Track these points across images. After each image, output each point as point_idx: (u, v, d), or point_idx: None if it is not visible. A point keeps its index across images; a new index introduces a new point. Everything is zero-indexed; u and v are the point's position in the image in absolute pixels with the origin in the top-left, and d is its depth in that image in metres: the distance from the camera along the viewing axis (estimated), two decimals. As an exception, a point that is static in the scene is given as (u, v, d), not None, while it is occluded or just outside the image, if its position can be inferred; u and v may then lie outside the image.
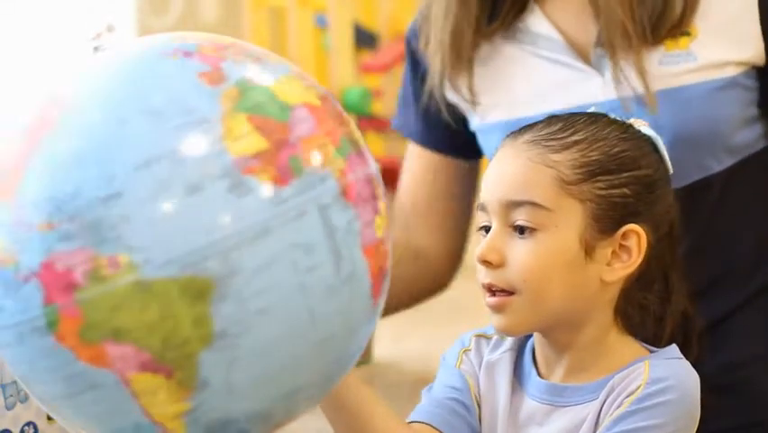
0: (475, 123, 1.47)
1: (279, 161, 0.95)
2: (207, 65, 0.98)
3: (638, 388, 1.07)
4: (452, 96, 1.47)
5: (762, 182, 1.41)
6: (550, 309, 1.11)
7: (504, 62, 1.45)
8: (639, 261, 1.11)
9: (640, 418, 1.06)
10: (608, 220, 1.11)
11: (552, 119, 1.16)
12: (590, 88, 1.37)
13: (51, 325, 0.94)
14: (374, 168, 1.04)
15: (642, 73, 1.33)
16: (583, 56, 1.39)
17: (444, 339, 1.29)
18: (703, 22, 1.36)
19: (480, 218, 1.14)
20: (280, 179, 0.95)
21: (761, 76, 1.37)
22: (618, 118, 1.18)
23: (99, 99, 0.96)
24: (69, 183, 0.93)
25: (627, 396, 1.08)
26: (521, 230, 1.11)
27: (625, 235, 1.11)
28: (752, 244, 1.41)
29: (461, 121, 1.49)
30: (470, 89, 1.45)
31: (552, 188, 1.10)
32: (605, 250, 1.11)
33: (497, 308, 1.12)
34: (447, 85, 1.46)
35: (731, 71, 1.36)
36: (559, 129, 1.14)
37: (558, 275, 1.10)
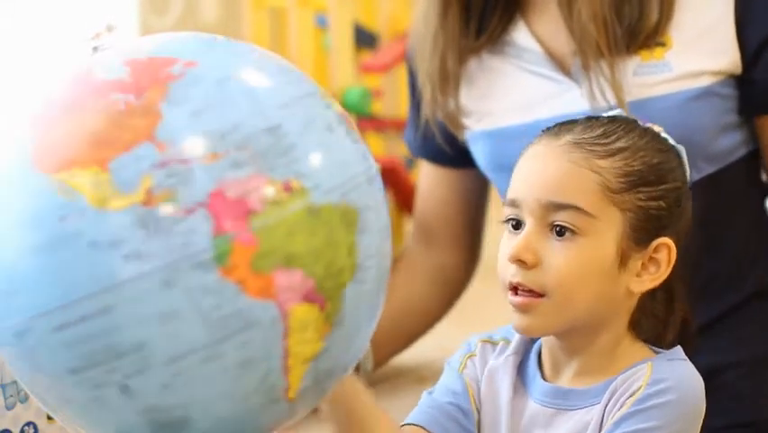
0: (466, 133, 1.48)
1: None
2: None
3: (639, 388, 1.08)
4: (442, 114, 1.49)
5: (744, 190, 1.41)
6: (576, 314, 1.11)
7: (491, 75, 1.46)
8: (667, 274, 1.12)
9: (640, 419, 1.06)
10: (643, 232, 1.11)
11: (590, 122, 1.15)
12: (572, 99, 1.37)
13: (221, 257, 0.93)
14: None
15: (615, 87, 1.34)
16: (564, 67, 1.40)
17: (448, 341, 1.28)
18: (678, 32, 1.37)
19: (507, 212, 1.13)
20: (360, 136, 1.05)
21: (739, 84, 1.37)
22: (646, 126, 1.17)
23: (215, 57, 1.01)
24: (226, 118, 0.96)
25: (629, 397, 1.08)
26: (559, 232, 1.10)
27: (657, 248, 1.11)
28: (737, 252, 1.42)
29: (456, 138, 1.51)
30: (458, 104, 1.46)
31: (596, 195, 1.10)
32: (637, 261, 1.11)
33: (522, 309, 1.11)
34: (438, 108, 1.48)
35: (706, 81, 1.36)
36: (601, 134, 1.13)
37: (593, 282, 1.10)
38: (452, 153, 1.56)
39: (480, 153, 1.49)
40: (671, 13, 1.37)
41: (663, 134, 1.18)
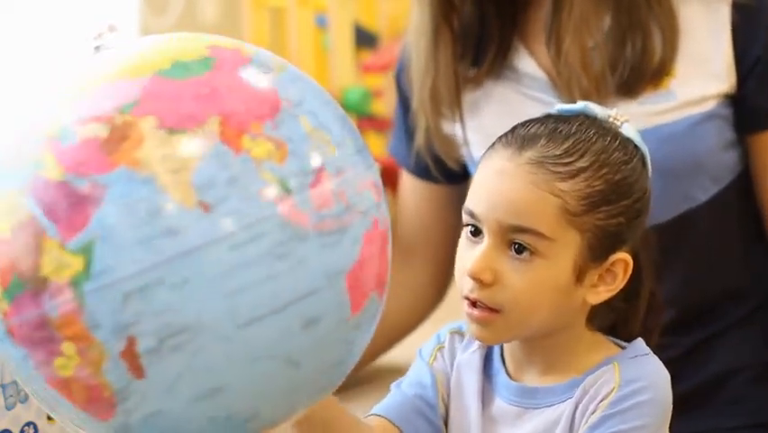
0: (467, 157, 1.47)
1: None
2: None
3: (611, 391, 1.08)
4: (437, 143, 1.47)
5: (745, 206, 1.41)
6: (531, 327, 1.11)
7: (496, 104, 1.44)
8: (623, 285, 1.11)
9: (618, 421, 1.06)
10: (601, 248, 1.10)
11: (554, 134, 1.12)
12: None
13: None
14: None
15: None
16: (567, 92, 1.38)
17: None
18: (682, 60, 1.36)
19: (466, 219, 1.13)
20: None
21: (733, 103, 1.37)
22: (611, 122, 1.15)
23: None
24: None
25: (601, 400, 1.08)
26: (518, 250, 1.09)
27: (614, 263, 1.11)
28: (743, 267, 1.42)
29: (449, 167, 1.50)
30: (462, 130, 1.45)
31: (556, 219, 1.09)
32: (593, 275, 1.11)
33: (479, 322, 1.11)
34: (432, 136, 1.46)
35: (710, 105, 1.36)
36: (565, 152, 1.11)
37: (548, 299, 1.10)
38: (444, 179, 1.54)
39: None
40: (674, 50, 1.35)
41: (629, 134, 1.16)
